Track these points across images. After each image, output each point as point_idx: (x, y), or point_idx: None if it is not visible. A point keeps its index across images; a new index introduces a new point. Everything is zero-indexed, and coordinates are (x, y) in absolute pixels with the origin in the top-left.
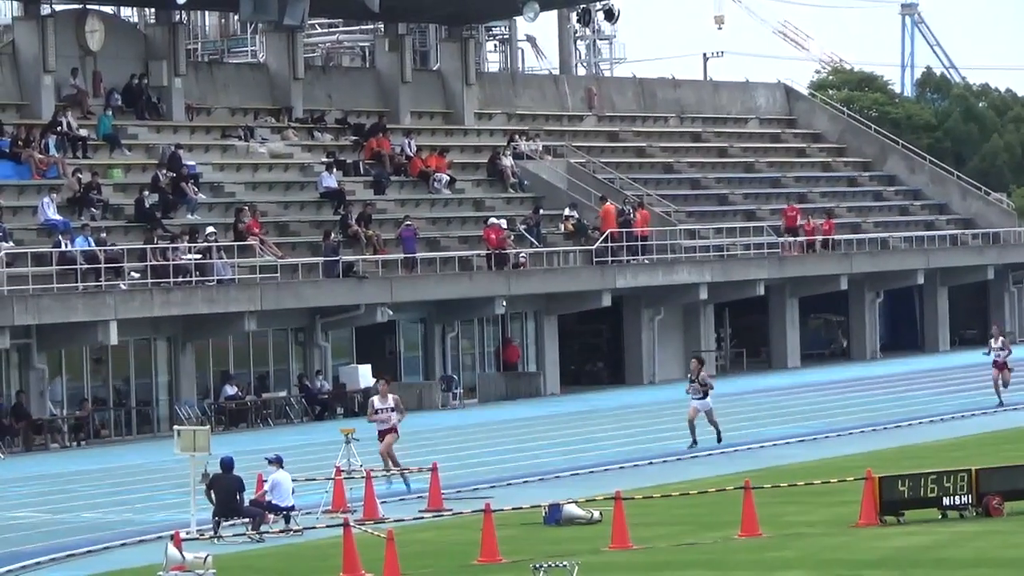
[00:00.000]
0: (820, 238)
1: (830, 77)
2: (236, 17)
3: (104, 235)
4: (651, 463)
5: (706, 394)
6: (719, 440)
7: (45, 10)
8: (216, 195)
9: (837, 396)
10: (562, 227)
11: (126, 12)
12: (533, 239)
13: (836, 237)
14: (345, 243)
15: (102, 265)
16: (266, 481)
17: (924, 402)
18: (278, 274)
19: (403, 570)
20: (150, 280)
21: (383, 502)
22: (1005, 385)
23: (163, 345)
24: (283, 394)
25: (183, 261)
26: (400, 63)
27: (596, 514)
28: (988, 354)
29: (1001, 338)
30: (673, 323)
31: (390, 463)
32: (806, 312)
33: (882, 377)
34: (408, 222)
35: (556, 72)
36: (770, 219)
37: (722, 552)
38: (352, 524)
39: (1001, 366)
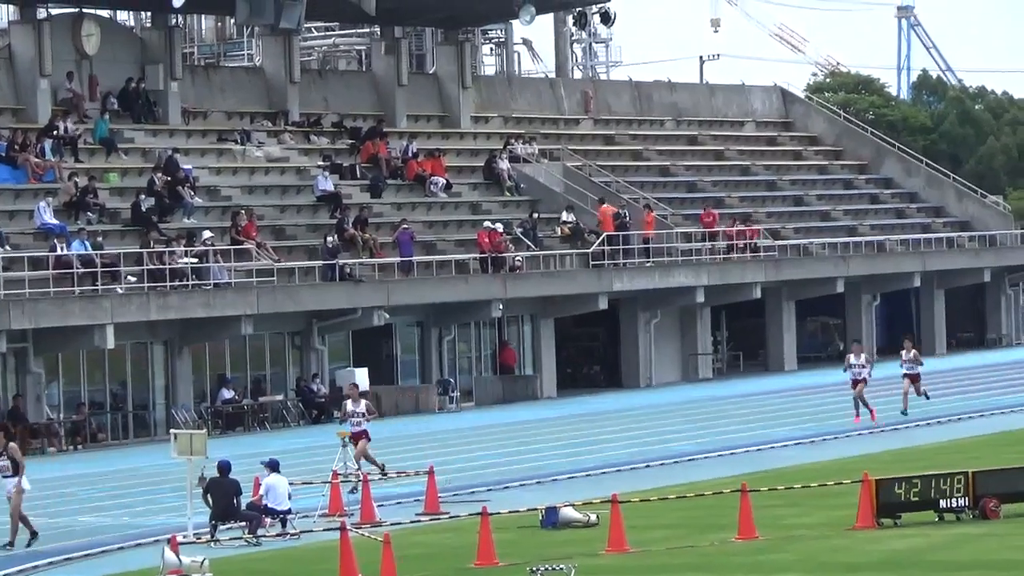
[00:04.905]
0: (743, 242)
1: (826, 80)
2: (232, 21)
3: (100, 239)
4: (648, 466)
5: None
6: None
7: (41, 14)
8: (212, 199)
9: (834, 398)
10: (559, 230)
11: (122, 16)
12: (530, 242)
13: (759, 242)
14: (342, 247)
15: (98, 269)
16: (262, 485)
17: (920, 404)
18: (274, 278)
19: (400, 573)
20: (147, 284)
21: (379, 505)
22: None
23: (160, 349)
24: (280, 398)
25: (180, 265)
26: (396, 66)
27: (593, 517)
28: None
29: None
30: (670, 326)
31: None
32: (803, 315)
33: (878, 380)
34: (405, 225)
35: (552, 75)
36: (767, 222)
37: (719, 555)
38: (349, 527)
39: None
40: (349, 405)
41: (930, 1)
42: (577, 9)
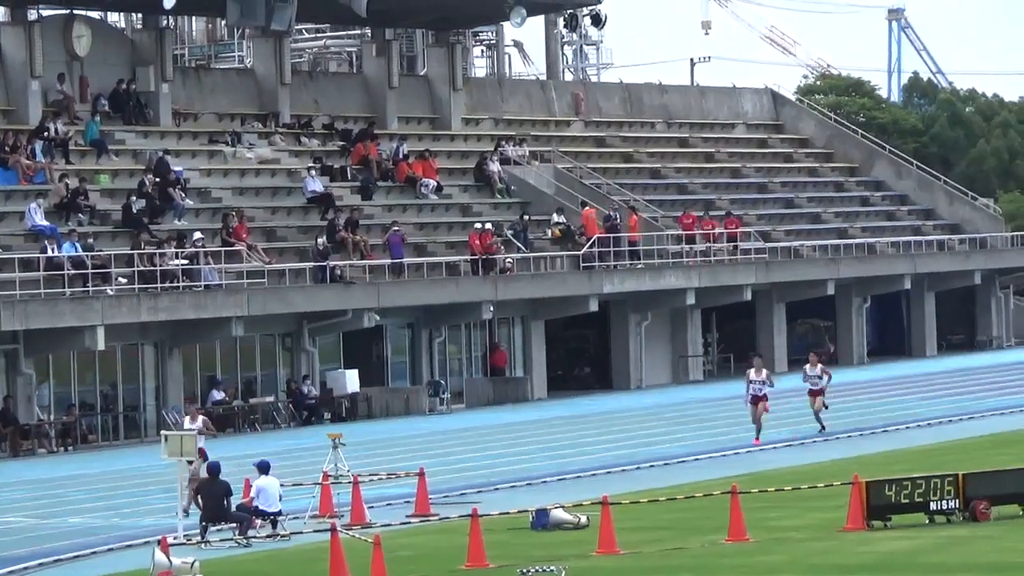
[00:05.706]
0: (726, 244)
1: (817, 82)
2: (223, 22)
3: (91, 240)
4: (638, 468)
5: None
6: None
7: (32, 15)
8: (203, 200)
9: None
10: (549, 232)
11: (113, 17)
12: (520, 244)
13: (746, 244)
14: (332, 248)
15: (89, 271)
16: (253, 486)
17: (911, 407)
18: (265, 279)
19: (390, 575)
20: (137, 285)
21: (370, 507)
22: None
23: (150, 350)
24: (270, 399)
25: (170, 266)
26: (387, 68)
27: (583, 519)
28: None
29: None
30: (660, 328)
31: None
32: (793, 317)
33: (869, 382)
34: (395, 227)
35: (543, 77)
36: (757, 224)
37: (709, 557)
38: (339, 529)
39: None
40: (187, 422)
41: (921, 4)
42: (568, 11)
